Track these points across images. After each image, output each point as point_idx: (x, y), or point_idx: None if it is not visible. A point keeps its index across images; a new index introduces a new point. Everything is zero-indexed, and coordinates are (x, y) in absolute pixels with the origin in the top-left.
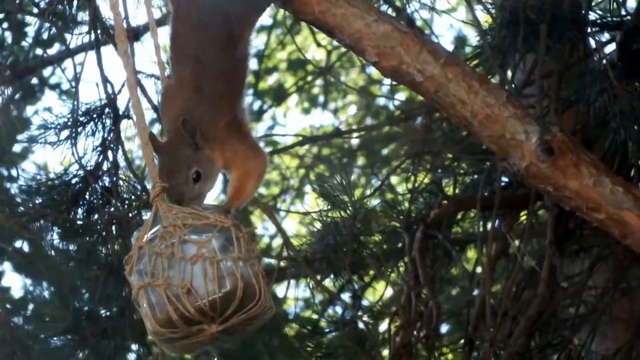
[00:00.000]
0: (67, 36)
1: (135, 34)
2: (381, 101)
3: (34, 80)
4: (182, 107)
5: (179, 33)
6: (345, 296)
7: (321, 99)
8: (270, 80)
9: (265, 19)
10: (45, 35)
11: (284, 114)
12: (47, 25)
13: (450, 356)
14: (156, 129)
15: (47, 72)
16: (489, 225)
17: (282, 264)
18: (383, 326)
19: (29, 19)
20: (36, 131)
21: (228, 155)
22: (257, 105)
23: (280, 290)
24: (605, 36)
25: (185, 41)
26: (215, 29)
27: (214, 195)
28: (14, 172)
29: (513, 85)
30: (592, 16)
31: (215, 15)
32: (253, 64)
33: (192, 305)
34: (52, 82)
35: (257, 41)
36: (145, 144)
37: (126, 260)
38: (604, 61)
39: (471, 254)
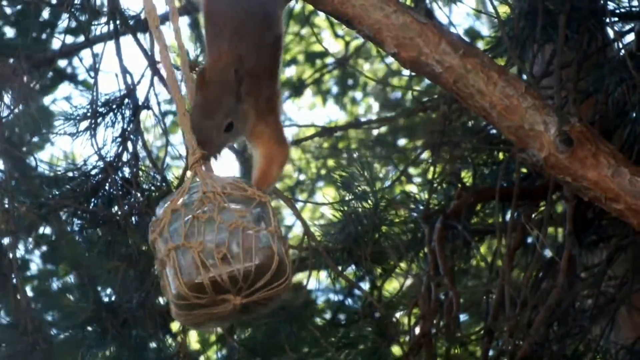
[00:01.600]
0: (86, 27)
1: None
2: (399, 92)
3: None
4: (232, 63)
5: (214, 11)
6: (365, 287)
7: (335, 90)
8: (288, 72)
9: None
10: (63, 26)
11: (299, 107)
12: (65, 15)
13: (469, 346)
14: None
15: (63, 63)
16: (508, 216)
17: (302, 254)
18: (403, 317)
19: (47, 9)
20: (55, 122)
21: (259, 128)
22: None
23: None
24: (624, 26)
25: (222, 18)
26: (250, 5)
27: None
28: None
29: (531, 76)
30: (611, 6)
31: None
32: None
33: (226, 272)
34: (69, 72)
35: None
36: (182, 115)
37: (152, 225)
38: (623, 51)
39: (490, 244)
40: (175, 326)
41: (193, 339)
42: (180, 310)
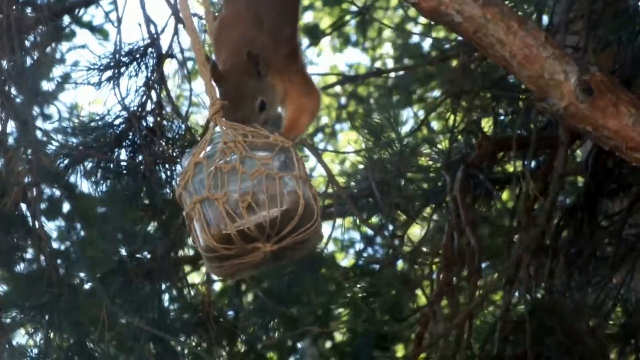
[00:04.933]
0: None
1: None
2: (417, 39)
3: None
4: (243, 36)
5: None
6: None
7: (354, 37)
8: (306, 18)
9: None
10: None
11: (318, 54)
12: None
13: (492, 296)
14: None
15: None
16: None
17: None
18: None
19: None
20: (74, 71)
21: (285, 86)
22: None
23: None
24: None
25: None
26: None
27: None
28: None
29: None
30: None
31: None
32: None
33: (253, 221)
34: (85, 21)
35: None
36: (201, 64)
37: (179, 179)
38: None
39: (511, 193)
40: (199, 276)
41: (217, 287)
42: (212, 263)
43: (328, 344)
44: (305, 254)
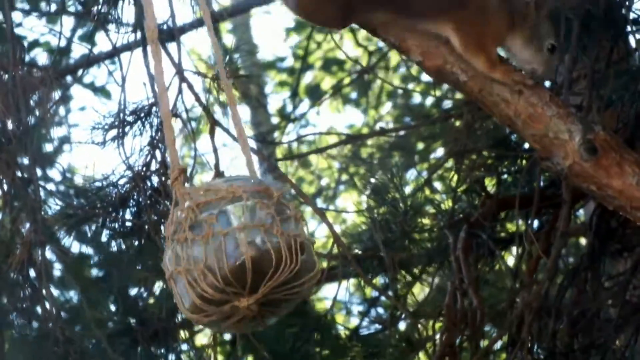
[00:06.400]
0: (112, 35)
1: (181, 31)
2: (418, 99)
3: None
4: None
5: None
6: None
7: (355, 97)
8: (307, 79)
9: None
10: (86, 34)
11: (317, 112)
12: (91, 24)
13: (494, 357)
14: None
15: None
16: (534, 224)
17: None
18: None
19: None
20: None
21: None
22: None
23: (330, 290)
24: None
25: None
26: None
27: None
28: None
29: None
30: (633, 15)
31: None
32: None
33: (209, 285)
34: (87, 81)
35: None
36: (168, 128)
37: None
38: None
39: (514, 253)
40: (205, 337)
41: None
42: (209, 327)
43: None
44: (308, 291)
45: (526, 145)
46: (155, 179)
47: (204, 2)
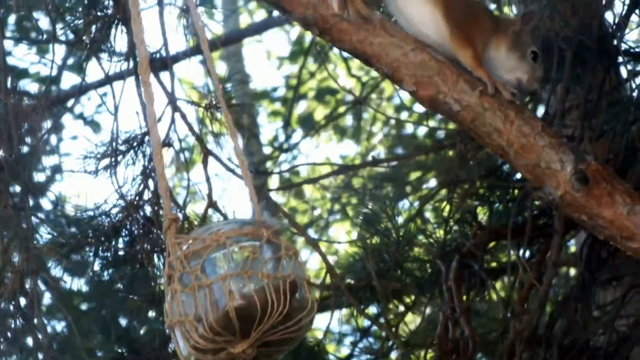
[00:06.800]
0: (105, 64)
1: (174, 60)
2: (410, 129)
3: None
4: None
5: None
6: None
7: (350, 128)
8: (300, 109)
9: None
10: (75, 63)
11: (317, 146)
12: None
13: None
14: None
15: (70, 103)
16: (526, 254)
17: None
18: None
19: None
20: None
21: None
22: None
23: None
24: (637, 66)
25: None
26: None
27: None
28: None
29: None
30: (625, 46)
31: None
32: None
33: (200, 337)
34: (77, 112)
35: (288, 69)
36: (160, 175)
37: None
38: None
39: (505, 283)
40: None
41: None
42: None
43: None
44: (305, 329)
45: (518, 175)
46: (148, 208)
47: (203, 32)
